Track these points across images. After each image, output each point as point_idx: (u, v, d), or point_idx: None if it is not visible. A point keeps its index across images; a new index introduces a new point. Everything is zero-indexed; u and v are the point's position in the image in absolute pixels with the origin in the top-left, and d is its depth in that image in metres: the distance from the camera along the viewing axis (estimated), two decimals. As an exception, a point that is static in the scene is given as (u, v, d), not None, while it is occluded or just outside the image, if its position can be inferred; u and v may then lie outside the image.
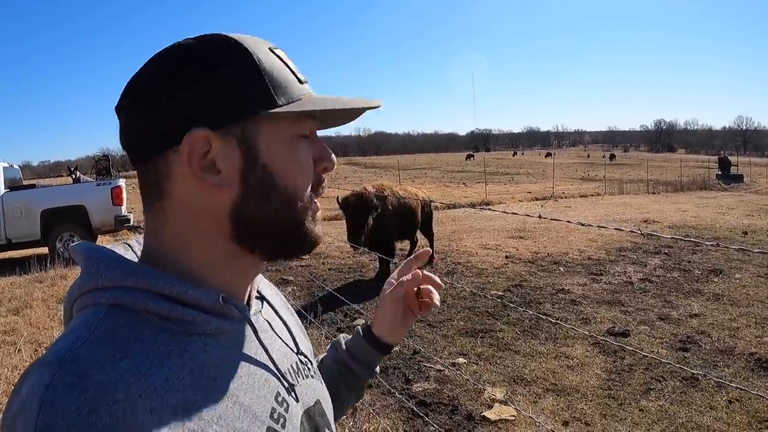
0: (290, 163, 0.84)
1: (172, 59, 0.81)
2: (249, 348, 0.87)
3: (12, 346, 7.04)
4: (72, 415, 0.63)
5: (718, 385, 5.34)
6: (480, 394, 5.32)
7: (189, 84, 0.79)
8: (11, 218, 12.98)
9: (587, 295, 8.58)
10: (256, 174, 0.82)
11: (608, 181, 36.16)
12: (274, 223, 0.85)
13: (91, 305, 0.79)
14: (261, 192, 0.82)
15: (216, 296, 0.81)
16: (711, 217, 17.59)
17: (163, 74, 0.80)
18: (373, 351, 1.30)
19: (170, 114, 0.79)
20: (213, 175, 0.80)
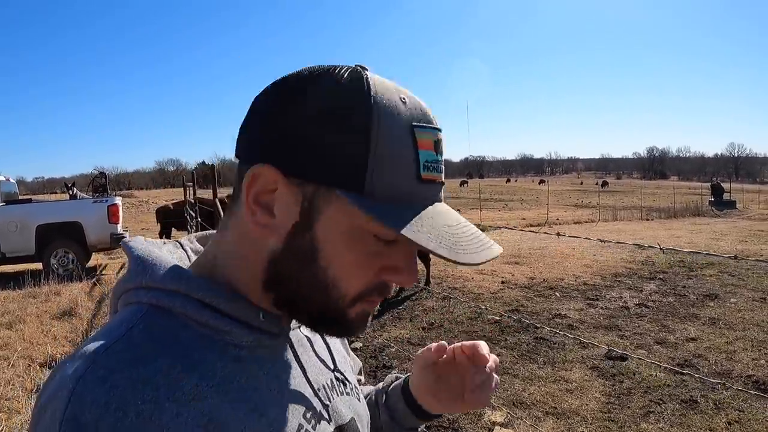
0: (344, 253, 0.77)
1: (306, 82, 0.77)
2: (284, 364, 0.87)
3: (5, 360, 7.04)
4: (100, 409, 0.64)
5: (717, 407, 5.37)
6: (480, 417, 5.32)
7: (294, 119, 0.75)
8: (6, 232, 12.96)
9: (584, 320, 8.60)
10: (303, 240, 0.77)
11: (602, 208, 36.23)
12: (303, 295, 0.80)
13: (134, 303, 0.80)
14: (299, 259, 0.78)
15: (256, 312, 0.81)
16: (705, 242, 17.60)
17: (288, 95, 0.77)
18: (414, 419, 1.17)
19: (262, 134, 0.78)
20: (265, 214, 0.78)
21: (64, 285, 11.51)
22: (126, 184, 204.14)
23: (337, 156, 0.73)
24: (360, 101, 0.73)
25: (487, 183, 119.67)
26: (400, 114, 0.74)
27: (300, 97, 0.76)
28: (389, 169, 0.73)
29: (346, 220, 0.75)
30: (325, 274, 0.78)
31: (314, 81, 0.76)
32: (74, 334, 8.32)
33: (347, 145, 0.72)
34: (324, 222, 0.76)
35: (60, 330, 8.50)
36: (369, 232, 0.76)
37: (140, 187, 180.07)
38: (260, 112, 0.80)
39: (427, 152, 0.76)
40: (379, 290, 0.83)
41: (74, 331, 8.48)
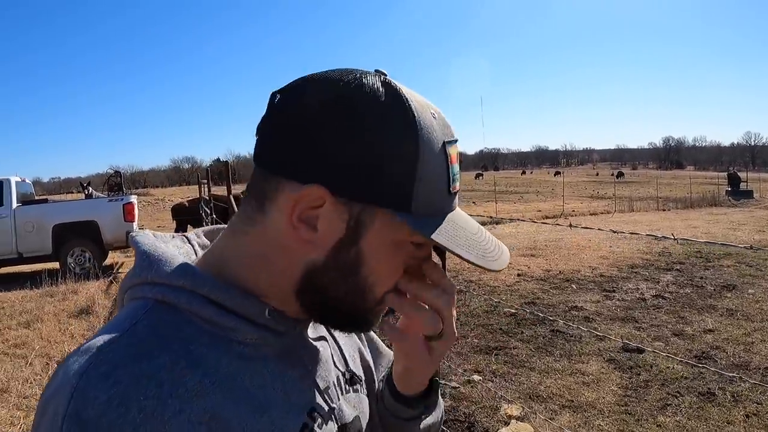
0: (385, 263, 0.81)
1: (346, 102, 0.75)
2: (290, 361, 0.86)
3: (23, 359, 7.10)
4: (102, 405, 0.65)
5: (735, 399, 5.34)
6: (496, 411, 5.31)
7: (342, 141, 0.74)
8: (23, 232, 13.06)
9: (600, 312, 8.56)
10: (348, 254, 0.78)
11: (618, 199, 36.12)
12: (338, 301, 0.82)
13: (140, 298, 0.80)
14: (342, 271, 0.79)
15: (263, 308, 0.80)
16: (722, 233, 17.51)
17: (328, 112, 0.75)
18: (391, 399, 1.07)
19: (305, 152, 0.75)
20: (308, 230, 0.77)
21: (81, 283, 11.57)
22: (141, 182, 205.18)
23: (388, 179, 0.74)
24: (408, 125, 0.75)
25: (503, 175, 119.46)
26: (436, 133, 0.77)
27: (346, 115, 0.75)
28: (430, 187, 0.76)
29: (390, 234, 0.78)
30: (365, 282, 0.81)
31: (355, 94, 0.75)
32: (91, 332, 8.31)
33: (399, 169, 0.74)
34: (369, 237, 0.78)
35: (77, 328, 8.56)
36: (408, 241, 0.81)
37: (156, 185, 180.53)
38: (294, 121, 0.77)
39: (454, 166, 0.80)
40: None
41: (91, 329, 8.52)
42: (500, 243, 0.87)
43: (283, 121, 0.78)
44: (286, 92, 0.79)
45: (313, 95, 0.77)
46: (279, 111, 0.79)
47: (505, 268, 0.84)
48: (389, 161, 0.74)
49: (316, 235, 0.77)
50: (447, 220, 0.80)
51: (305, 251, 0.79)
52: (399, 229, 0.77)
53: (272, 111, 0.79)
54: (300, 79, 0.81)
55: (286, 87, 0.81)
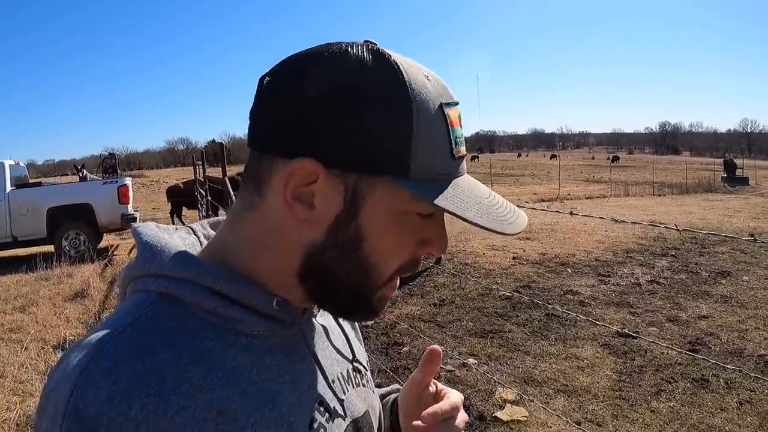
0: (387, 237, 0.77)
1: (331, 71, 0.73)
2: (297, 354, 0.84)
3: (18, 344, 7.09)
4: (103, 402, 0.63)
5: (728, 386, 5.36)
6: (491, 394, 5.33)
7: (330, 111, 0.72)
8: (17, 216, 13.04)
9: (595, 297, 8.59)
10: (347, 230, 0.76)
11: (614, 183, 36.13)
12: (340, 283, 0.79)
13: (142, 290, 0.77)
14: (342, 248, 0.77)
15: (269, 298, 0.78)
16: (717, 219, 17.55)
17: (313, 83, 0.73)
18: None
19: (295, 127, 0.73)
20: (304, 208, 0.75)
21: (76, 267, 11.56)
22: (136, 164, 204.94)
23: (382, 143, 0.71)
24: (396, 85, 0.72)
25: (498, 158, 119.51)
26: (430, 93, 0.74)
27: (338, 87, 0.72)
28: (429, 149, 0.73)
29: (390, 204, 0.75)
30: (368, 261, 0.77)
31: (339, 62, 0.74)
32: (87, 315, 8.36)
33: (391, 131, 0.71)
34: (368, 209, 0.75)
35: (73, 312, 8.55)
36: (411, 212, 0.76)
37: (150, 166, 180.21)
38: (283, 100, 0.75)
39: (456, 129, 0.76)
40: (412, 265, 0.82)
41: (87, 312, 8.52)
42: (515, 207, 0.84)
43: (272, 101, 0.76)
44: (275, 73, 0.78)
45: (299, 70, 0.75)
46: (269, 92, 0.77)
47: (522, 231, 0.80)
48: (380, 125, 0.71)
49: (312, 213, 0.75)
50: (452, 185, 0.76)
51: (303, 231, 0.77)
52: (399, 198, 0.74)
53: (262, 93, 0.78)
54: (287, 58, 0.79)
55: (274, 68, 0.79)
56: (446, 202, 0.73)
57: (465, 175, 0.81)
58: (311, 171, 0.73)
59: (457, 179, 0.78)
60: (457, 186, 0.77)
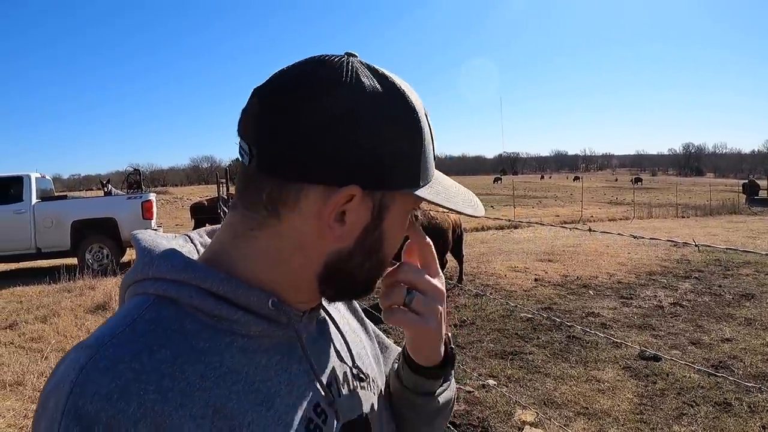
0: (398, 234, 0.85)
1: (347, 104, 0.74)
2: (293, 355, 0.85)
3: (39, 353, 7.15)
4: (102, 400, 0.65)
5: (752, 410, 5.29)
6: (510, 416, 5.29)
7: (360, 141, 0.74)
8: (42, 228, 13.16)
9: (617, 319, 8.52)
10: (373, 237, 0.81)
11: (637, 205, 35.91)
12: (359, 277, 0.85)
13: (141, 294, 0.79)
14: (369, 252, 0.82)
15: (266, 299, 0.79)
16: (741, 241, 17.37)
17: (332, 111, 0.73)
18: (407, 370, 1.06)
19: (327, 156, 0.74)
20: (339, 226, 0.78)
21: (99, 280, 11.62)
22: (161, 180, 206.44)
23: (404, 163, 0.78)
24: (409, 112, 0.78)
25: (521, 180, 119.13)
26: (420, 106, 0.81)
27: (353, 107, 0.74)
28: (428, 160, 0.82)
29: (403, 208, 0.83)
30: (385, 256, 0.85)
31: (352, 87, 0.75)
32: (108, 328, 8.39)
33: (409, 153, 0.78)
34: (390, 217, 0.82)
35: (93, 324, 8.58)
36: (410, 209, 0.85)
37: (175, 183, 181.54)
38: (303, 126, 0.74)
39: (432, 132, 0.84)
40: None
41: (108, 325, 8.54)
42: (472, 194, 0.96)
43: (289, 125, 0.74)
44: (279, 93, 0.76)
45: (311, 93, 0.74)
46: (280, 113, 0.75)
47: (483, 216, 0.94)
48: (403, 148, 0.77)
49: (344, 229, 0.78)
50: (436, 181, 0.85)
51: (330, 244, 0.80)
52: (408, 202, 0.83)
53: (271, 115, 0.76)
54: (285, 75, 0.78)
55: (272, 86, 0.78)
56: (439, 198, 0.83)
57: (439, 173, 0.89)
58: (350, 194, 0.76)
59: (438, 177, 0.87)
60: (438, 182, 0.86)
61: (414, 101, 0.79)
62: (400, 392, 1.07)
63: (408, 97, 0.78)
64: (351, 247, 0.80)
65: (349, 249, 0.81)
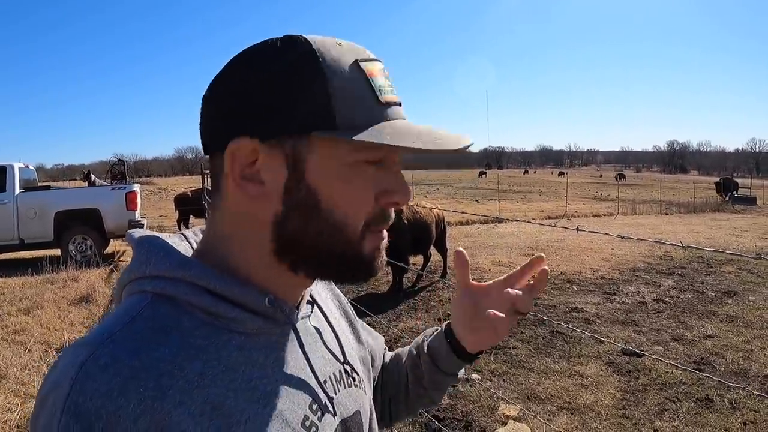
0: (340, 189, 0.79)
1: (244, 62, 0.80)
2: (289, 353, 0.86)
3: (22, 345, 7.09)
4: (101, 397, 0.65)
5: (733, 406, 5.33)
6: (494, 410, 5.31)
7: (249, 91, 0.77)
8: (25, 218, 13.09)
9: (601, 315, 8.56)
10: (300, 193, 0.79)
11: (621, 201, 36.04)
12: (317, 245, 0.81)
13: (138, 292, 0.80)
14: (303, 211, 0.79)
15: (262, 297, 0.80)
16: (724, 239, 17.51)
17: (231, 76, 0.80)
18: (456, 359, 1.18)
19: (226, 115, 0.79)
20: (254, 185, 0.79)
21: (82, 271, 11.53)
22: (145, 171, 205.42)
23: (305, 103, 0.76)
24: (304, 53, 0.77)
25: (506, 174, 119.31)
26: (342, 54, 0.79)
27: (251, 68, 0.78)
28: (352, 101, 0.77)
29: (332, 158, 0.78)
30: (333, 216, 0.80)
31: (256, 52, 0.80)
32: (91, 320, 8.37)
33: (310, 91, 0.76)
34: (313, 168, 0.78)
35: (77, 316, 8.55)
36: (358, 162, 0.79)
37: (159, 174, 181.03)
38: (215, 98, 0.82)
39: (378, 78, 0.81)
40: (380, 217, 0.84)
41: (91, 317, 8.53)
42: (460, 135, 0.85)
43: (209, 106, 0.83)
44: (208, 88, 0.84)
45: (221, 74, 0.82)
46: (205, 103, 0.84)
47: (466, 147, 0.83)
48: (298, 88, 0.76)
49: (264, 188, 0.79)
50: (383, 125, 0.79)
51: (263, 208, 0.81)
52: (339, 152, 0.78)
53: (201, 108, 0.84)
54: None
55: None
56: (373, 135, 0.76)
57: (403, 120, 0.83)
58: (251, 149, 0.78)
59: (391, 121, 0.80)
60: (388, 126, 0.79)
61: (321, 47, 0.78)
62: (431, 374, 1.21)
63: (305, 43, 0.78)
64: (281, 207, 0.80)
65: (282, 210, 0.80)
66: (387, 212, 0.85)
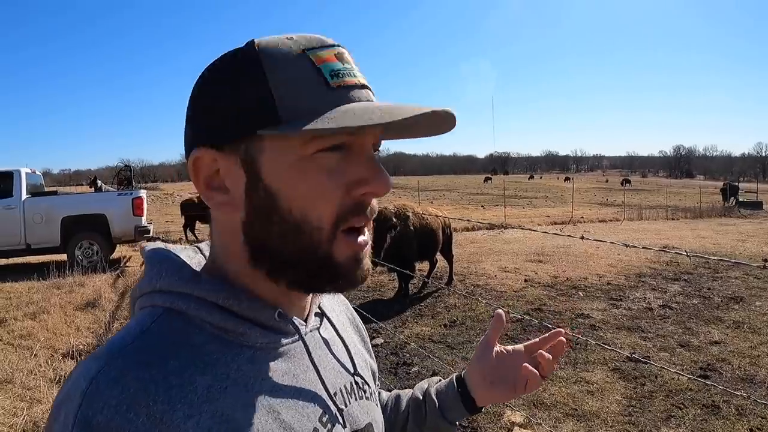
0: (299, 186, 0.77)
1: (202, 76, 0.82)
2: (299, 365, 0.86)
3: (28, 350, 7.12)
4: (111, 410, 0.66)
5: (739, 413, 5.31)
6: (499, 417, 5.30)
7: (201, 100, 0.80)
8: (31, 223, 13.10)
9: (607, 321, 8.54)
10: (258, 195, 0.78)
11: (627, 207, 35.97)
12: (282, 249, 0.79)
13: (150, 306, 0.81)
14: (264, 214, 0.78)
15: (271, 311, 0.81)
16: (731, 244, 17.47)
17: (193, 90, 0.82)
18: (464, 411, 1.21)
19: (189, 128, 0.82)
20: (220, 194, 0.80)
21: (88, 276, 11.58)
22: (151, 176, 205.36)
23: (246, 103, 0.75)
24: (244, 53, 0.77)
25: (512, 179, 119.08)
26: (287, 47, 0.77)
27: (201, 80, 0.81)
28: (296, 92, 0.75)
29: (283, 154, 0.76)
30: (292, 214, 0.77)
31: (210, 65, 0.81)
32: (97, 325, 8.38)
33: (248, 90, 0.75)
34: (266, 167, 0.77)
35: (83, 321, 8.58)
36: (312, 153, 0.76)
37: (165, 180, 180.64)
38: (187, 113, 0.83)
39: (329, 64, 0.77)
40: (355, 210, 0.79)
41: (97, 322, 8.55)
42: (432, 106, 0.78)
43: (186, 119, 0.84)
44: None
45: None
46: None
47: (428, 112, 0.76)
48: (238, 90, 0.76)
49: (229, 196, 0.80)
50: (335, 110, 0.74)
51: (231, 216, 0.81)
52: (290, 147, 0.76)
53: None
54: None
55: None
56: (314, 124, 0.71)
57: (366, 102, 0.78)
58: (211, 158, 0.79)
59: (349, 105, 0.76)
60: (342, 109, 0.74)
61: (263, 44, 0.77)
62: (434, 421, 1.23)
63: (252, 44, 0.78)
64: (246, 213, 0.79)
65: (246, 216, 0.80)
66: (363, 205, 0.81)
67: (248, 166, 0.77)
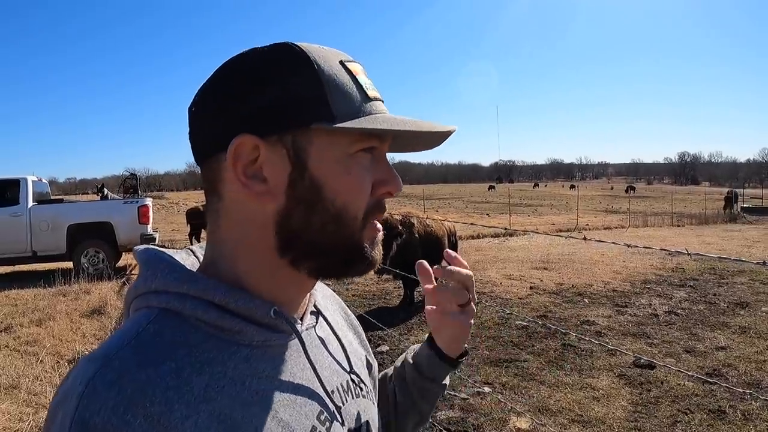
0: (342, 178, 0.81)
1: (235, 67, 0.82)
2: (296, 364, 0.86)
3: (34, 356, 7.14)
4: (108, 412, 0.66)
5: (746, 417, 5.30)
6: (505, 423, 5.29)
7: (244, 92, 0.79)
8: (38, 231, 13.16)
9: (612, 327, 8.53)
10: (304, 185, 0.80)
11: (632, 214, 35.93)
12: (320, 237, 0.82)
13: (145, 307, 0.81)
14: (307, 203, 0.80)
15: (267, 309, 0.81)
16: (736, 249, 17.44)
17: (223, 81, 0.82)
18: (438, 362, 1.20)
19: (223, 118, 0.80)
20: (258, 183, 0.80)
21: (94, 284, 11.58)
22: (157, 185, 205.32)
23: (302, 97, 0.78)
24: (296, 53, 0.80)
25: (516, 188, 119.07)
26: (327, 55, 0.82)
27: (244, 72, 0.81)
28: (343, 96, 0.80)
29: (332, 148, 0.80)
30: (334, 205, 0.81)
31: (245, 57, 0.83)
32: (103, 332, 8.41)
33: (304, 86, 0.78)
34: (314, 158, 0.80)
35: (89, 328, 8.59)
36: (355, 151, 0.82)
37: (171, 188, 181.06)
38: (208, 105, 0.83)
39: (362, 77, 0.84)
40: (377, 208, 0.87)
41: (103, 329, 8.57)
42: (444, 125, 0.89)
43: (200, 115, 0.85)
44: (195, 101, 0.86)
45: (208, 82, 0.84)
46: (195, 114, 0.85)
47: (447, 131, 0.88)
48: (293, 84, 0.78)
49: (268, 185, 0.80)
50: (375, 116, 0.82)
51: (265, 206, 0.81)
52: (338, 142, 0.80)
53: (190, 119, 0.86)
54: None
55: (194, 98, 0.86)
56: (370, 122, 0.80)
57: (389, 113, 0.86)
58: (252, 146, 0.79)
59: (380, 115, 0.83)
60: (380, 116, 0.82)
61: (309, 48, 0.81)
62: (416, 382, 1.21)
63: (294, 46, 0.81)
64: (285, 203, 0.81)
65: (285, 206, 0.81)
66: (382, 203, 0.88)
67: (296, 157, 0.79)
